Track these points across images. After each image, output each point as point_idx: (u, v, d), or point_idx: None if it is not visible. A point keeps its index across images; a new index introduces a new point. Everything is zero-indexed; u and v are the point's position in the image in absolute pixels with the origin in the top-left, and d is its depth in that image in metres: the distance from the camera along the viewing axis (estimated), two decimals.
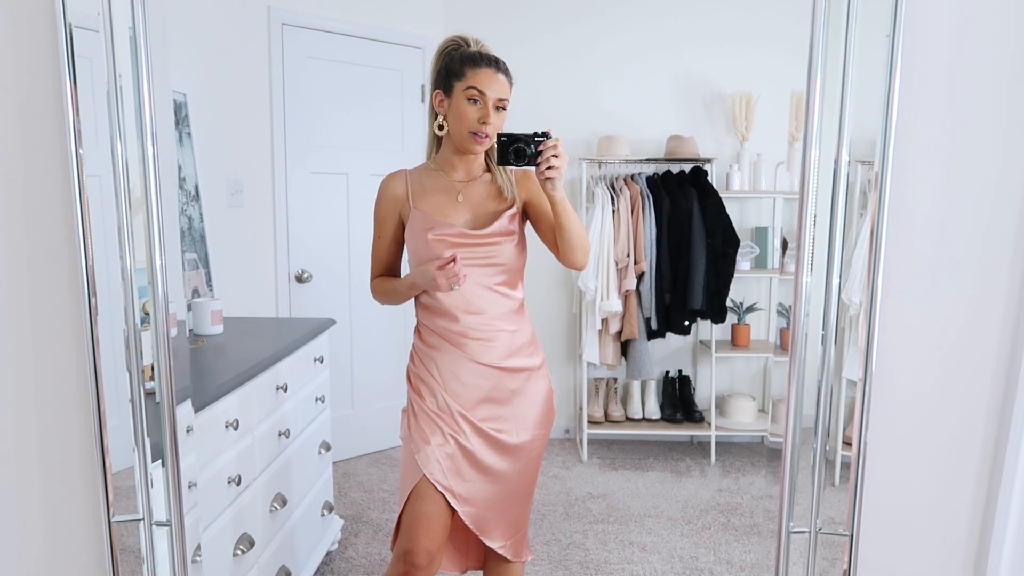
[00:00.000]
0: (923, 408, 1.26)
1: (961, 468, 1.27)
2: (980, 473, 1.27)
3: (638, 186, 3.70)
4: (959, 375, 1.25)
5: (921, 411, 1.26)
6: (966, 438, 1.26)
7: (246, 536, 1.92)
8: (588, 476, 3.62)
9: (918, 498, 1.29)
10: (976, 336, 1.23)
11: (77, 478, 1.24)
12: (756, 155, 3.78)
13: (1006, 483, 1.22)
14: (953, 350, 1.24)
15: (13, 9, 1.14)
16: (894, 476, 1.28)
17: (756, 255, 3.82)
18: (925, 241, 1.21)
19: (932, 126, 1.18)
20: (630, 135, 3.84)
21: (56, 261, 1.19)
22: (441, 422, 1.74)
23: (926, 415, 1.26)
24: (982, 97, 1.18)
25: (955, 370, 1.25)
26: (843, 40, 1.11)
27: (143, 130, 1.12)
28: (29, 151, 1.17)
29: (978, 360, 1.24)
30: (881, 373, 1.21)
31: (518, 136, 1.63)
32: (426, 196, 1.77)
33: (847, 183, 1.14)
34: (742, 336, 3.87)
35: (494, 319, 1.75)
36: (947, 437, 1.27)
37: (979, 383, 1.25)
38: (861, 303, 1.19)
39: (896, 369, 1.24)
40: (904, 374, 1.24)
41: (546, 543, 2.90)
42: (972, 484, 1.28)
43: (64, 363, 1.21)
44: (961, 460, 1.27)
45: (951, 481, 1.28)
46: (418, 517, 1.71)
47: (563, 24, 3.92)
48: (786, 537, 1.21)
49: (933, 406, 1.26)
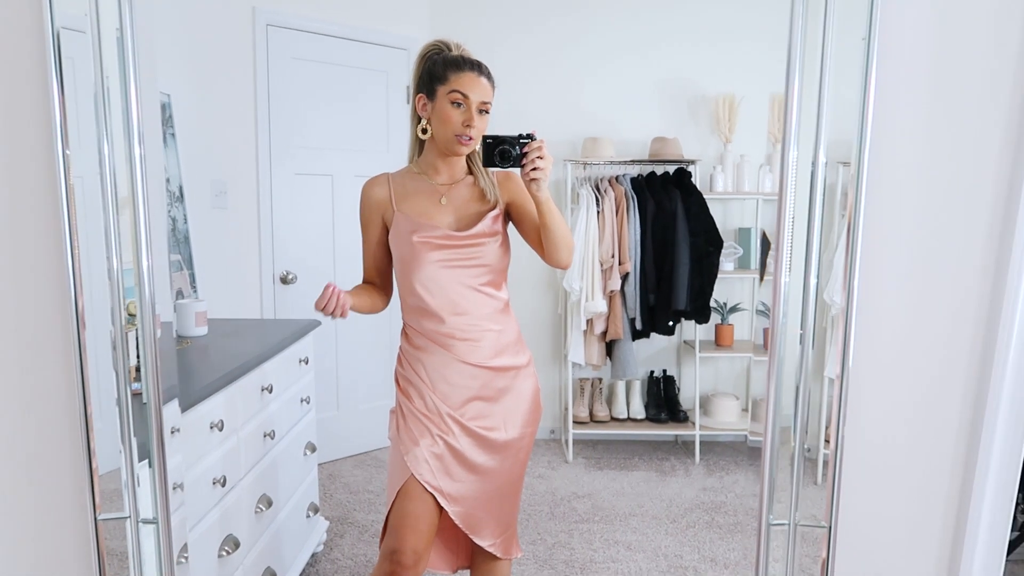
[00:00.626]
0: (900, 404, 1.29)
1: (937, 462, 1.30)
2: (955, 467, 1.30)
3: (623, 187, 3.72)
4: (935, 371, 1.27)
5: (898, 407, 1.29)
6: (942, 432, 1.29)
7: (231, 537, 1.92)
8: (573, 476, 3.63)
9: (895, 491, 1.31)
10: (952, 334, 1.26)
11: (64, 477, 1.24)
12: (739, 156, 3.81)
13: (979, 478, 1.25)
14: (929, 348, 1.27)
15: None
16: (872, 471, 1.30)
17: (739, 256, 3.85)
18: (902, 241, 1.24)
19: (909, 127, 1.20)
20: (614, 136, 3.87)
21: (42, 263, 1.19)
22: (430, 423, 1.75)
23: (903, 411, 1.29)
24: (958, 98, 1.20)
25: (931, 366, 1.27)
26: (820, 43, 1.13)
27: (130, 131, 1.12)
28: (13, 152, 1.17)
29: (953, 356, 1.27)
30: (858, 371, 1.24)
31: (503, 138, 1.64)
32: (409, 199, 1.78)
33: (824, 184, 1.16)
34: (726, 336, 3.90)
35: (480, 319, 1.77)
36: (923, 432, 1.29)
37: (954, 379, 1.27)
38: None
39: (873, 366, 1.26)
40: (881, 371, 1.27)
41: (532, 543, 2.91)
42: (947, 478, 1.30)
43: (51, 364, 1.21)
44: (937, 454, 1.30)
45: (928, 475, 1.31)
46: (405, 516, 1.72)
47: (547, 26, 3.94)
48: (766, 530, 1.23)
49: (910, 402, 1.29)
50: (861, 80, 1.13)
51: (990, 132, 1.20)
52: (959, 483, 1.30)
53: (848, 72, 1.14)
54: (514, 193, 1.79)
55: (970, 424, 1.27)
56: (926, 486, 1.31)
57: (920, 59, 1.19)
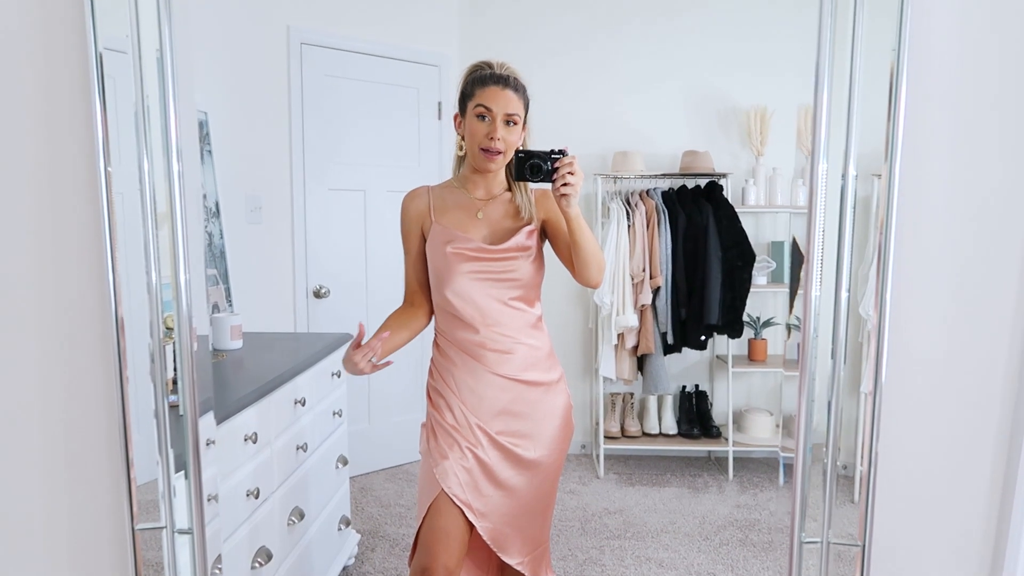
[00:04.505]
0: (936, 420, 1.26)
1: (976, 480, 1.27)
2: (993, 484, 1.26)
3: (653, 201, 3.71)
4: (972, 386, 1.25)
5: (934, 423, 1.26)
6: (980, 449, 1.26)
7: (264, 549, 1.94)
8: (605, 491, 3.61)
9: (932, 510, 1.28)
10: (989, 347, 1.23)
11: (102, 488, 1.26)
12: (772, 169, 3.78)
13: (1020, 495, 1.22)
14: (966, 362, 1.24)
15: (43, 33, 1.18)
16: (908, 489, 1.27)
17: (772, 269, 3.81)
18: (937, 254, 1.22)
19: (942, 138, 1.19)
20: (645, 150, 3.86)
21: (84, 276, 1.22)
22: (459, 436, 1.76)
23: (939, 427, 1.26)
24: (991, 108, 1.18)
25: (968, 381, 1.25)
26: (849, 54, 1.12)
27: (169, 148, 1.15)
28: (57, 169, 1.21)
29: (991, 370, 1.24)
30: (892, 386, 1.22)
31: (535, 153, 1.67)
32: (447, 212, 1.82)
33: (854, 197, 1.15)
34: (759, 351, 3.85)
35: (512, 331, 1.78)
36: (960, 448, 1.27)
37: (992, 393, 1.25)
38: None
39: (908, 381, 1.24)
40: (916, 386, 1.25)
41: (562, 559, 2.89)
42: (986, 496, 1.27)
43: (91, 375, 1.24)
44: (975, 472, 1.27)
45: (966, 493, 1.28)
46: (436, 532, 1.72)
47: (577, 41, 3.96)
48: (798, 548, 1.21)
49: (945, 418, 1.26)
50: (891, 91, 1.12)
51: (1022, 139, 1.18)
52: (998, 501, 1.26)
53: (877, 83, 1.13)
54: (550, 210, 1.80)
55: (1008, 439, 1.24)
56: (964, 505, 1.28)
57: (951, 69, 1.17)
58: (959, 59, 1.17)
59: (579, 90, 3.96)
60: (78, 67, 1.17)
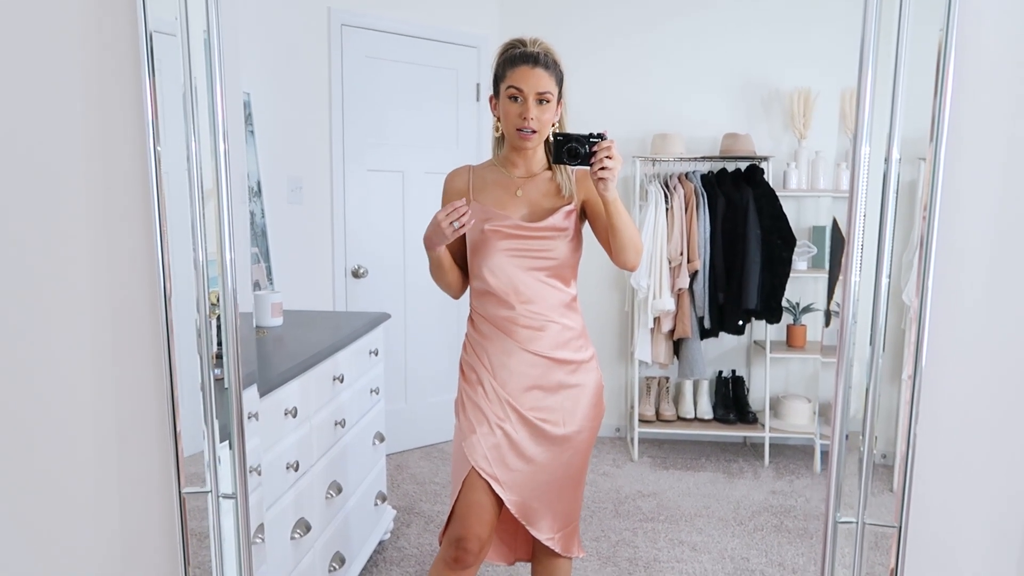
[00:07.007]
0: (977, 406, 1.24)
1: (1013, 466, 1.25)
2: None
3: (692, 184, 3.68)
4: (1015, 373, 1.23)
5: (975, 409, 1.24)
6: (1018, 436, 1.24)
7: (303, 521, 1.99)
8: (639, 474, 3.62)
9: (972, 496, 1.27)
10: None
11: (151, 456, 1.31)
12: (814, 153, 3.72)
13: None
14: (1009, 349, 1.22)
15: (95, 17, 1.21)
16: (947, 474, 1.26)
17: (813, 255, 3.76)
18: (982, 239, 1.19)
19: (987, 120, 1.16)
20: (685, 133, 3.82)
21: (134, 253, 1.26)
22: (488, 410, 1.79)
23: (980, 413, 1.24)
24: None
25: (1011, 368, 1.23)
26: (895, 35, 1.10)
27: (215, 128, 1.18)
28: (108, 149, 1.24)
29: None
30: (933, 371, 1.20)
31: (573, 136, 1.67)
32: (487, 190, 1.84)
33: (898, 181, 1.13)
34: (798, 337, 3.81)
35: (546, 309, 1.80)
36: (1002, 435, 1.25)
37: None
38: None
39: (950, 367, 1.22)
40: (958, 372, 1.23)
41: (595, 539, 2.91)
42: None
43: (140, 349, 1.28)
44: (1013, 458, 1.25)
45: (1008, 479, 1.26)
46: (471, 505, 1.76)
47: (615, 20, 3.92)
48: (833, 527, 1.21)
49: (986, 403, 1.24)
50: (938, 71, 1.09)
51: None
52: None
53: (924, 63, 1.11)
54: (590, 191, 1.81)
55: None
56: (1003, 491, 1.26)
57: (1000, 49, 1.14)
58: (1009, 39, 1.14)
59: (618, 71, 3.93)
60: (128, 50, 1.21)
